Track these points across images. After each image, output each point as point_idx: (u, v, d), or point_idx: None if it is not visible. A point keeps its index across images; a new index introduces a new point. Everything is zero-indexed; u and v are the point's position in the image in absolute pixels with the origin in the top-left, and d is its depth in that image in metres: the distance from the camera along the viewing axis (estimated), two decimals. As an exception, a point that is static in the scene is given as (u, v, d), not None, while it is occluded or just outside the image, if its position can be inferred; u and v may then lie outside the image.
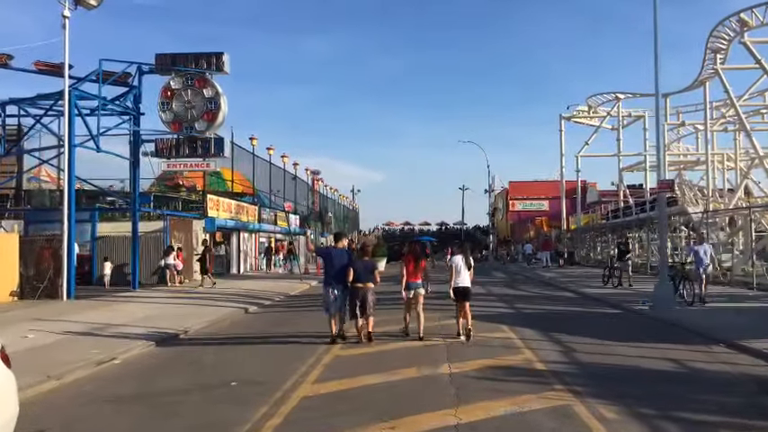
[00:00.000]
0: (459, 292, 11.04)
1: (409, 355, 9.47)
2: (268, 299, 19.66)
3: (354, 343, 10.60)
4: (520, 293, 21.13)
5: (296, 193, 47.67)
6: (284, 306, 18.02)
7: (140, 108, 22.05)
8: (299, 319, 14.25)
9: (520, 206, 71.93)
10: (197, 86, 21.88)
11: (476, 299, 18.79)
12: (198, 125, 21.74)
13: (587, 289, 21.47)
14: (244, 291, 21.96)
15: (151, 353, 10.39)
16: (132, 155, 22.08)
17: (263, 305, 18.03)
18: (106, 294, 19.89)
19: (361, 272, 10.59)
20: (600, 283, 23.43)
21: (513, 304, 17.09)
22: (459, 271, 11.12)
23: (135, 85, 21.84)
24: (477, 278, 29.43)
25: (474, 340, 10.67)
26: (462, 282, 11.08)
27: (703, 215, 26.70)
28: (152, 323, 13.20)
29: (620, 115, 43.88)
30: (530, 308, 16.24)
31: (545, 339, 10.88)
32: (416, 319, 11.06)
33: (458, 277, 11.08)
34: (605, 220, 40.89)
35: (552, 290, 22.42)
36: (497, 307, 16.35)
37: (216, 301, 18.10)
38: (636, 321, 13.66)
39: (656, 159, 15.39)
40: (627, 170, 49.68)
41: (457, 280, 11.06)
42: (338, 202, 73.66)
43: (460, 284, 11.06)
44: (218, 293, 20.49)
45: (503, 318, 13.77)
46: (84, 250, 24.87)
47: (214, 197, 28.89)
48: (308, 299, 19.86)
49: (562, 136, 47.29)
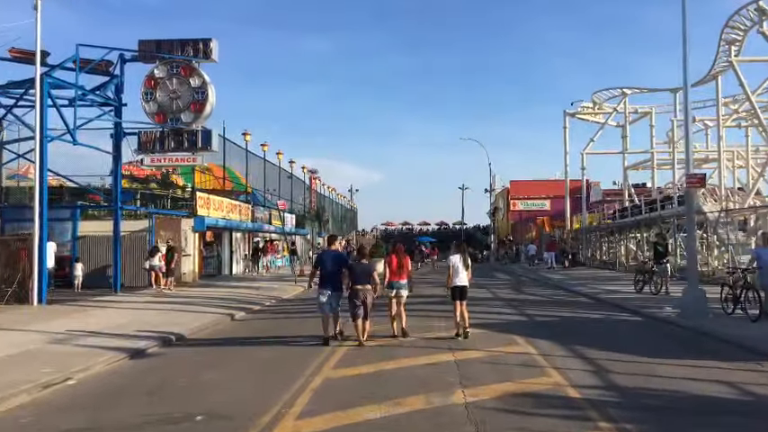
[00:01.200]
0: (457, 291, 11.10)
1: (414, 376, 8.03)
2: (258, 303, 18.23)
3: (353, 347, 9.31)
4: (528, 297, 19.70)
5: (292, 191, 46.21)
6: (274, 312, 16.57)
7: (122, 99, 20.59)
8: (288, 328, 12.82)
9: (521, 206, 70.51)
10: (183, 75, 20.42)
11: (482, 304, 17.49)
12: (184, 116, 20.29)
13: (601, 292, 20.06)
14: (233, 294, 20.52)
15: (113, 371, 8.93)
16: (114, 149, 20.60)
17: (251, 311, 16.60)
18: (82, 299, 18.42)
19: (360, 274, 10.48)
20: (613, 286, 22.03)
21: (523, 310, 15.66)
22: (458, 270, 11.16)
23: (116, 74, 20.37)
24: (480, 281, 28.11)
25: (488, 355, 9.27)
26: (460, 281, 11.13)
27: (720, 214, 25.30)
28: (123, 333, 11.75)
29: (626, 111, 42.46)
30: (542, 314, 14.80)
31: (569, 355, 9.45)
32: (398, 316, 11.10)
33: (456, 276, 11.14)
34: (612, 219, 39.42)
35: (563, 294, 20.99)
36: (506, 314, 14.92)
37: (200, 306, 16.65)
38: (665, 331, 12.23)
39: (685, 152, 13.93)
40: (632, 168, 48.28)
41: (455, 279, 11.13)
42: (336, 202, 72.22)
43: (458, 284, 11.12)
44: (204, 297, 19.06)
45: (515, 327, 12.33)
46: (65, 251, 23.42)
47: (204, 195, 27.42)
48: (301, 303, 18.43)
49: (566, 133, 45.90)
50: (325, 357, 9.30)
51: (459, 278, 11.12)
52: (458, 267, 11.16)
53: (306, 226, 51.27)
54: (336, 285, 10.56)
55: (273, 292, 21.82)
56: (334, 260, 10.82)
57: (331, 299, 10.49)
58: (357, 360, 9.11)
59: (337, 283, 10.56)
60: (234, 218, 31.58)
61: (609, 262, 37.36)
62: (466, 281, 11.19)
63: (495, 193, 74.99)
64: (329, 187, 66.77)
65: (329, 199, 66.97)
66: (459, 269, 11.15)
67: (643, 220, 32.20)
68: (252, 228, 34.33)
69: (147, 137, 20.50)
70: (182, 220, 25.79)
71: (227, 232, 30.96)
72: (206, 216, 27.04)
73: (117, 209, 20.49)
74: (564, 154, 46.29)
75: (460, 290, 11.11)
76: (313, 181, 59.26)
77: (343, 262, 10.95)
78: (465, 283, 11.18)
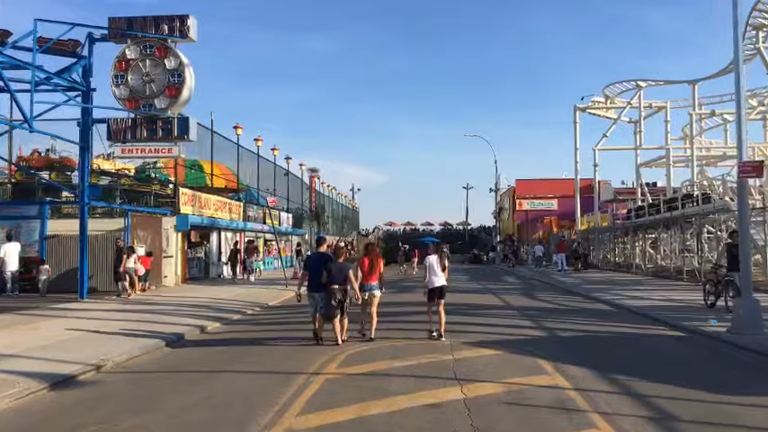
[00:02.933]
0: (435, 292, 11.16)
1: (413, 420, 5.87)
2: (239, 311, 16.11)
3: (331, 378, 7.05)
4: (544, 305, 17.50)
5: (288, 189, 44.05)
6: (254, 323, 14.40)
7: (91, 83, 18.49)
8: (265, 346, 10.69)
9: (527, 205, 68.33)
10: (157, 56, 18.28)
11: (493, 314, 15.29)
12: (158, 102, 18.15)
13: (623, 299, 17.85)
14: (213, 300, 18.41)
15: (16, 410, 6.81)
16: (81, 138, 18.48)
17: (228, 321, 14.47)
18: (39, 305, 16.31)
19: (335, 274, 10.56)
20: (635, 292, 19.84)
21: (541, 322, 13.45)
22: (435, 271, 11.21)
23: (84, 56, 18.26)
24: (488, 285, 25.92)
25: (507, 390, 7.11)
26: (437, 281, 11.17)
27: (752, 212, 23.03)
28: (62, 352, 9.65)
29: (641, 105, 40.16)
30: (564, 328, 12.58)
31: (613, 390, 7.26)
32: (369, 320, 11.05)
33: (433, 277, 11.19)
34: (626, 218, 37.12)
35: (580, 300, 18.78)
36: (523, 327, 12.71)
37: (170, 315, 14.52)
38: (720, 353, 10.05)
39: (737, 138, 11.70)
40: (645, 166, 46.05)
41: (432, 279, 11.18)
42: (336, 201, 70.02)
43: (436, 284, 11.16)
44: (178, 305, 16.94)
45: (537, 346, 10.13)
46: (32, 251, 21.33)
47: (188, 191, 25.29)
48: (288, 312, 16.30)
49: (576, 128, 43.53)
50: (293, 393, 7.14)
51: (437, 278, 11.14)
52: (434, 268, 11.20)
53: (304, 226, 49.20)
54: (322, 285, 10.64)
55: (260, 297, 19.70)
56: (319, 261, 10.93)
57: (318, 299, 10.70)
58: (337, 398, 6.95)
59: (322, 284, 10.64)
60: (223, 217, 29.46)
61: (624, 264, 35.10)
62: (443, 281, 11.24)
63: (500, 193, 72.88)
64: (329, 186, 64.63)
65: (329, 198, 64.82)
66: (435, 270, 11.19)
67: (662, 219, 29.95)
68: (243, 227, 32.21)
69: (117, 125, 18.36)
70: (162, 218, 23.69)
71: (215, 232, 28.84)
72: (190, 214, 24.95)
73: (83, 205, 18.36)
74: (574, 150, 43.99)
75: (439, 290, 11.14)
76: (313, 180, 57.15)
77: (327, 262, 10.83)
78: (443, 283, 11.22)
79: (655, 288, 21.82)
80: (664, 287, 22.23)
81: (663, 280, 26.17)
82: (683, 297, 18.00)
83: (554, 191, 67.67)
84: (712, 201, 27.09)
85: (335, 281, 10.54)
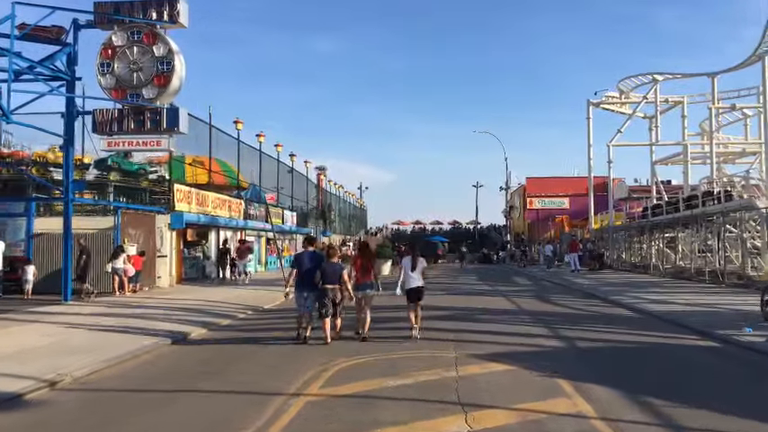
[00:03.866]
0: (411, 294, 10.99)
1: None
2: (230, 316, 14.99)
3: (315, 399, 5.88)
4: (559, 310, 16.24)
5: (293, 187, 42.94)
6: (245, 329, 13.25)
7: (76, 72, 17.43)
8: (248, 357, 9.54)
9: (538, 204, 66.94)
10: (145, 43, 17.17)
11: (504, 320, 13.95)
12: (146, 92, 17.06)
13: (644, 303, 16.56)
14: (205, 303, 17.30)
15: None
16: (66, 131, 17.43)
17: (217, 326, 13.33)
18: (19, 309, 15.26)
19: (330, 274, 10.58)
20: (655, 295, 18.56)
21: (557, 330, 12.20)
22: (409, 272, 11.06)
23: (69, 43, 17.22)
24: (498, 286, 24.64)
25: (521, 420, 5.91)
26: (413, 282, 10.99)
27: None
28: (18, 364, 8.57)
29: (657, 100, 38.65)
30: (583, 337, 11.31)
31: (647, 420, 6.00)
32: (363, 320, 10.98)
33: (408, 278, 11.03)
34: (642, 217, 35.67)
35: (599, 304, 17.49)
36: (538, 335, 11.45)
37: (153, 320, 13.42)
38: (762, 366, 8.80)
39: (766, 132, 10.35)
40: (661, 163, 44.53)
41: (408, 281, 11.03)
42: (344, 200, 68.85)
43: (411, 285, 10.99)
44: (166, 308, 15.87)
45: (554, 360, 8.91)
46: (18, 251, 20.34)
47: (184, 187, 24.20)
48: (283, 316, 15.17)
49: (590, 124, 42.00)
50: (264, 423, 5.97)
51: (412, 280, 11.00)
52: (408, 269, 11.08)
53: (310, 224, 48.12)
54: (313, 286, 10.60)
55: (257, 300, 18.58)
56: (312, 260, 10.85)
57: (308, 299, 10.66)
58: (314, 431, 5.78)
59: (313, 283, 10.59)
60: (222, 215, 28.39)
61: (640, 265, 33.68)
62: (419, 282, 11.03)
63: (510, 191, 71.51)
64: (336, 185, 63.46)
65: (336, 197, 63.67)
66: (409, 271, 11.07)
67: (681, 217, 28.55)
68: (244, 226, 31.11)
69: (102, 116, 17.27)
70: (156, 216, 22.63)
71: (213, 231, 27.76)
72: (186, 212, 23.87)
73: (67, 201, 17.31)
74: (587, 147, 42.42)
75: (416, 291, 10.98)
76: (320, 178, 56.00)
77: (320, 262, 10.78)
78: (419, 284, 11.01)
79: (676, 291, 20.50)
80: (685, 290, 20.91)
81: (683, 282, 24.82)
82: (708, 301, 16.71)
83: (565, 189, 66.32)
84: (734, 198, 25.72)
85: (330, 281, 10.55)
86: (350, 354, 9.48)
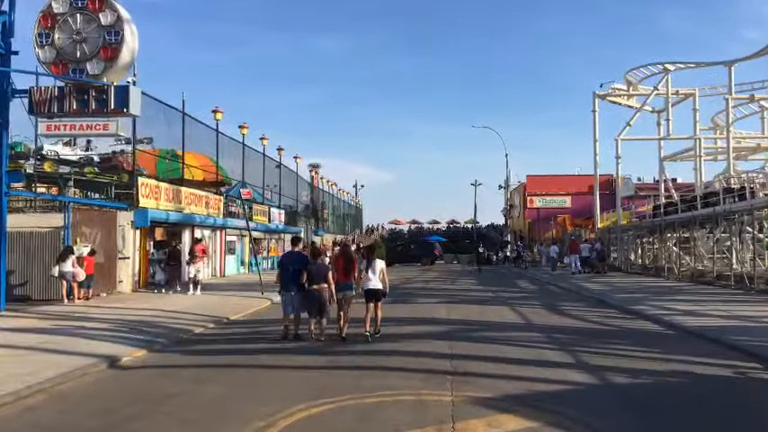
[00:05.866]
0: (369, 294, 11.13)
1: None
2: (185, 329, 12.57)
3: None
4: (574, 324, 13.79)
5: (281, 184, 40.47)
6: (193, 351, 10.76)
7: (12, 44, 14.98)
8: (179, 396, 7.11)
9: (539, 202, 64.60)
10: (90, 9, 14.68)
11: (512, 340, 10.83)
12: (91, 66, 14.59)
13: (673, 314, 14.12)
14: (161, 313, 14.84)
15: None
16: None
17: (161, 346, 10.86)
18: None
19: (315, 274, 10.82)
20: (683, 304, 16.17)
21: (578, 354, 9.72)
22: (367, 274, 11.19)
23: (4, 11, 14.76)
24: (500, 292, 22.19)
25: None
26: (371, 284, 11.13)
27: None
28: None
29: (668, 91, 36.20)
30: (616, 366, 8.75)
31: None
32: (343, 318, 11.04)
33: (366, 279, 11.17)
34: (653, 216, 33.24)
35: (617, 315, 15.05)
36: (555, 364, 8.94)
37: (87, 338, 11.01)
38: None
39: None
40: (670, 159, 42.18)
41: (366, 282, 11.17)
42: (337, 198, 66.34)
43: (369, 287, 11.13)
44: (113, 320, 13.44)
45: (588, 408, 6.46)
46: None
47: (150, 181, 21.72)
48: (248, 330, 12.81)
49: (596, 117, 39.44)
50: None
51: (371, 281, 11.13)
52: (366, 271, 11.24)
53: (300, 223, 45.65)
54: (299, 286, 10.83)
55: (223, 308, 16.17)
56: (296, 261, 11.14)
57: (293, 299, 10.88)
58: None
59: (296, 284, 10.85)
60: (198, 212, 25.92)
61: (652, 267, 31.25)
62: (377, 283, 11.12)
63: (510, 190, 69.16)
64: (330, 182, 60.96)
65: (330, 195, 61.17)
66: (368, 272, 11.19)
67: (699, 216, 26.16)
68: (223, 224, 28.66)
69: (41, 95, 14.78)
70: (118, 213, 20.17)
71: (188, 229, 25.29)
72: (153, 208, 21.40)
73: (2, 194, 14.81)
74: (593, 141, 39.90)
75: (373, 293, 11.12)
76: (314, 176, 53.44)
77: (304, 263, 11.05)
78: (377, 286, 11.11)
79: (703, 298, 18.12)
80: (712, 297, 18.53)
81: (704, 287, 22.43)
82: (746, 312, 14.36)
83: (567, 187, 64.09)
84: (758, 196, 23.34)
85: (315, 280, 10.78)
86: (311, 393, 7.05)
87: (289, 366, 8.95)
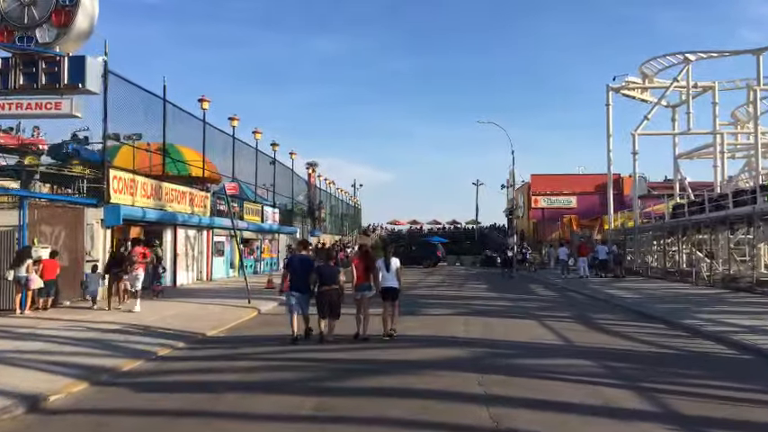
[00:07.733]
0: (385, 293, 11.28)
1: None
2: (146, 351, 10.18)
3: None
4: (623, 345, 11.33)
5: (274, 181, 38.06)
6: (148, 385, 8.35)
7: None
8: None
9: (544, 202, 62.52)
10: (39, -34, 12.35)
11: (556, 371, 8.10)
12: (41, 34, 12.23)
13: (738, 332, 11.74)
14: (127, 326, 12.48)
15: None
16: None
17: (112, 375, 8.50)
18: None
19: (327, 276, 11.01)
20: (736, 317, 13.78)
21: (654, 395, 7.26)
22: (383, 273, 11.29)
23: (-60, -31, 12.38)
24: (519, 301, 19.77)
25: None
26: (387, 282, 11.27)
27: None
28: None
29: (689, 84, 33.90)
30: (714, 418, 6.44)
31: None
32: (364, 320, 11.26)
33: (383, 279, 11.28)
34: (674, 216, 30.87)
35: (667, 332, 12.66)
36: (631, 414, 6.46)
37: (17, 365, 8.66)
38: None
39: None
40: (686, 157, 39.93)
41: (382, 282, 11.27)
42: (335, 197, 63.93)
43: (386, 285, 11.27)
44: (64, 338, 11.09)
45: None
46: None
47: (124, 175, 19.29)
48: (230, 351, 10.44)
49: (609, 111, 37.15)
50: None
51: (387, 280, 11.26)
52: (383, 270, 11.28)
53: (296, 223, 43.27)
54: (305, 288, 11.03)
55: (200, 321, 13.81)
56: (303, 264, 11.33)
57: (300, 301, 11.06)
58: None
59: (306, 286, 11.01)
60: (181, 210, 23.52)
61: (675, 271, 28.85)
62: (394, 282, 11.32)
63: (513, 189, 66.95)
64: (327, 180, 58.60)
65: (328, 194, 58.76)
66: (384, 272, 11.27)
67: (732, 215, 23.81)
68: (210, 224, 26.27)
69: (-20, 68, 12.41)
70: (86, 210, 17.77)
71: (169, 229, 22.90)
72: (127, 205, 19.01)
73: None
74: (606, 137, 37.55)
75: (390, 291, 11.29)
76: (311, 175, 50.99)
77: (311, 265, 11.33)
78: (394, 285, 11.32)
79: (755, 309, 15.75)
80: (765, 307, 16.19)
81: (745, 295, 20.08)
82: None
83: (572, 187, 62.13)
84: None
85: (327, 282, 10.93)
86: None
87: (260, 416, 6.55)
